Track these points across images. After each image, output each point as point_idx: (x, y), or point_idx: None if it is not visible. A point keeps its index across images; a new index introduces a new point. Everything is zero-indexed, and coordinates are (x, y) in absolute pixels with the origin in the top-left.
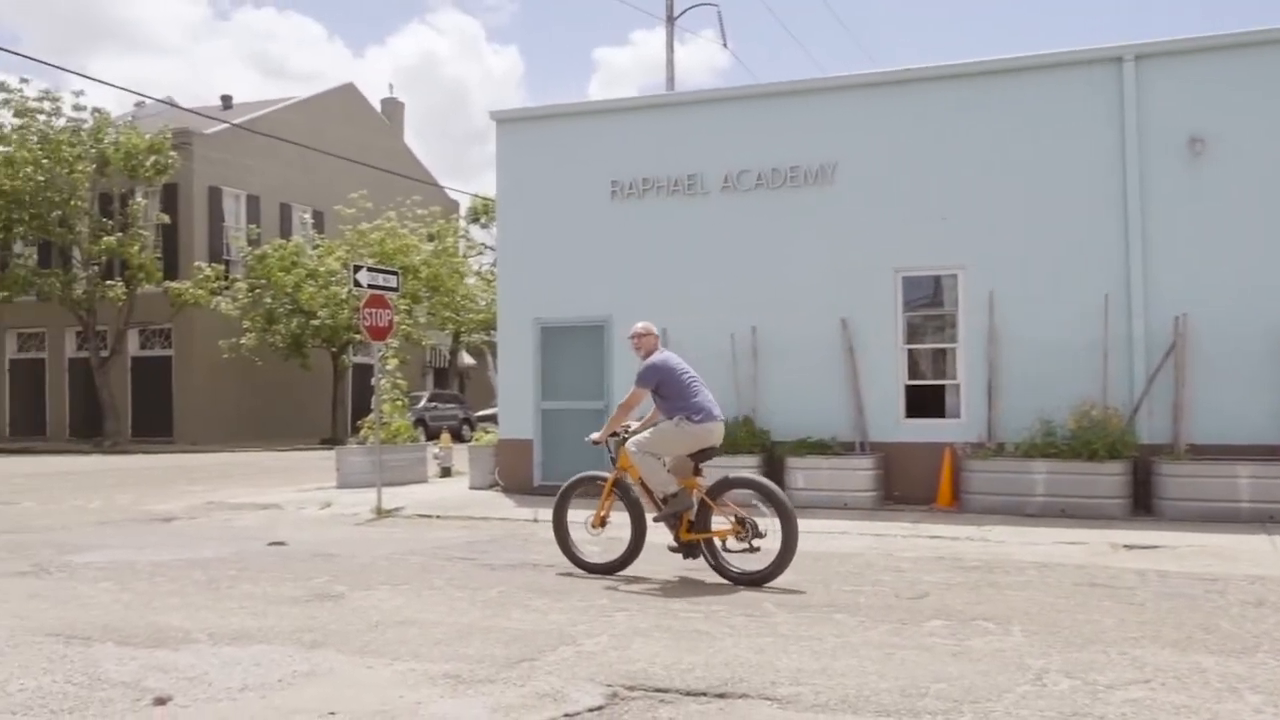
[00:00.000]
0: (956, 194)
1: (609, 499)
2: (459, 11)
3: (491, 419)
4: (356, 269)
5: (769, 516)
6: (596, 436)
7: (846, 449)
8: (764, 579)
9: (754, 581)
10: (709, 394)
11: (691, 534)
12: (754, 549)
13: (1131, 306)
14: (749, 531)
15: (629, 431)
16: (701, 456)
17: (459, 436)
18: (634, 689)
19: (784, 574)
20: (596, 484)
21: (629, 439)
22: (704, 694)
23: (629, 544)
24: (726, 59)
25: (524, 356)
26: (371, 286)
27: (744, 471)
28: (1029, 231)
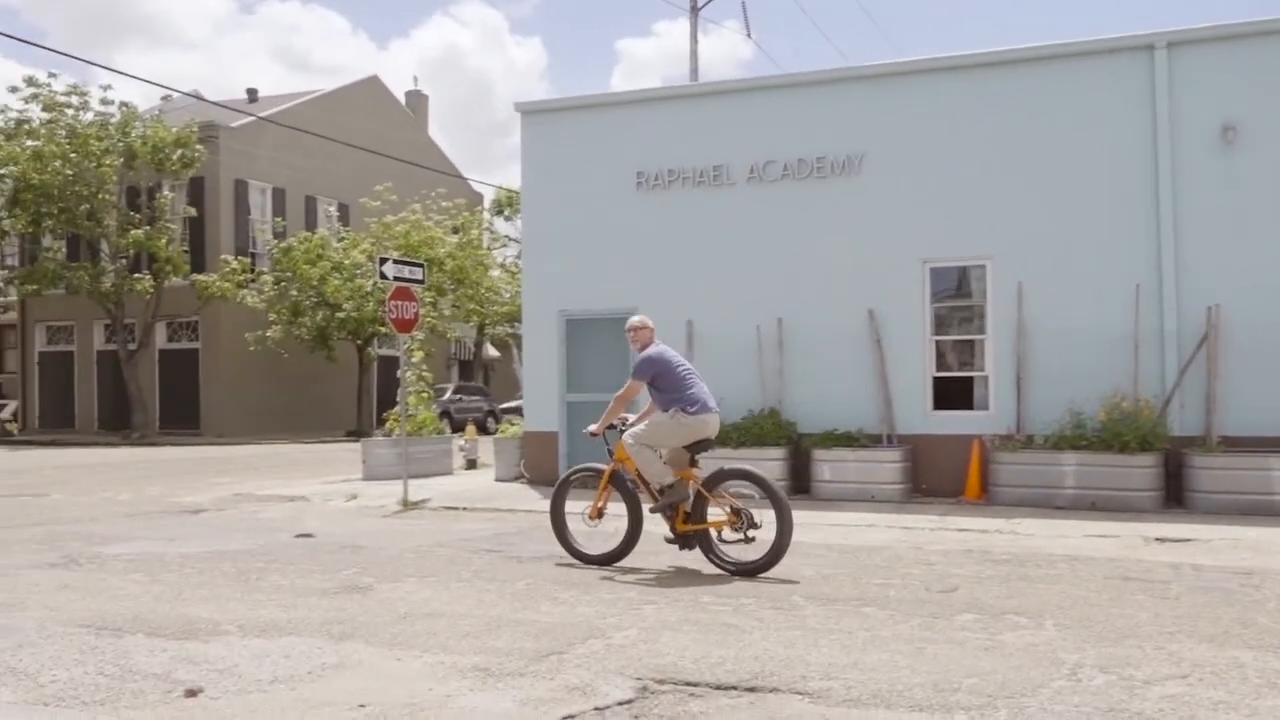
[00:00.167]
0: (985, 184)
1: (606, 490)
2: (482, 4)
3: (516, 411)
4: (382, 262)
5: (764, 508)
6: (594, 428)
7: (874, 441)
8: (759, 569)
9: (749, 572)
10: (704, 386)
11: (688, 525)
12: (749, 540)
13: (1163, 297)
14: (744, 522)
15: (625, 424)
16: (697, 448)
17: (483, 429)
18: (663, 682)
19: (779, 565)
20: (594, 476)
21: (626, 431)
22: (734, 688)
23: (625, 535)
24: (749, 50)
25: (549, 348)
26: (397, 279)
27: (770, 465)
28: (1058, 222)
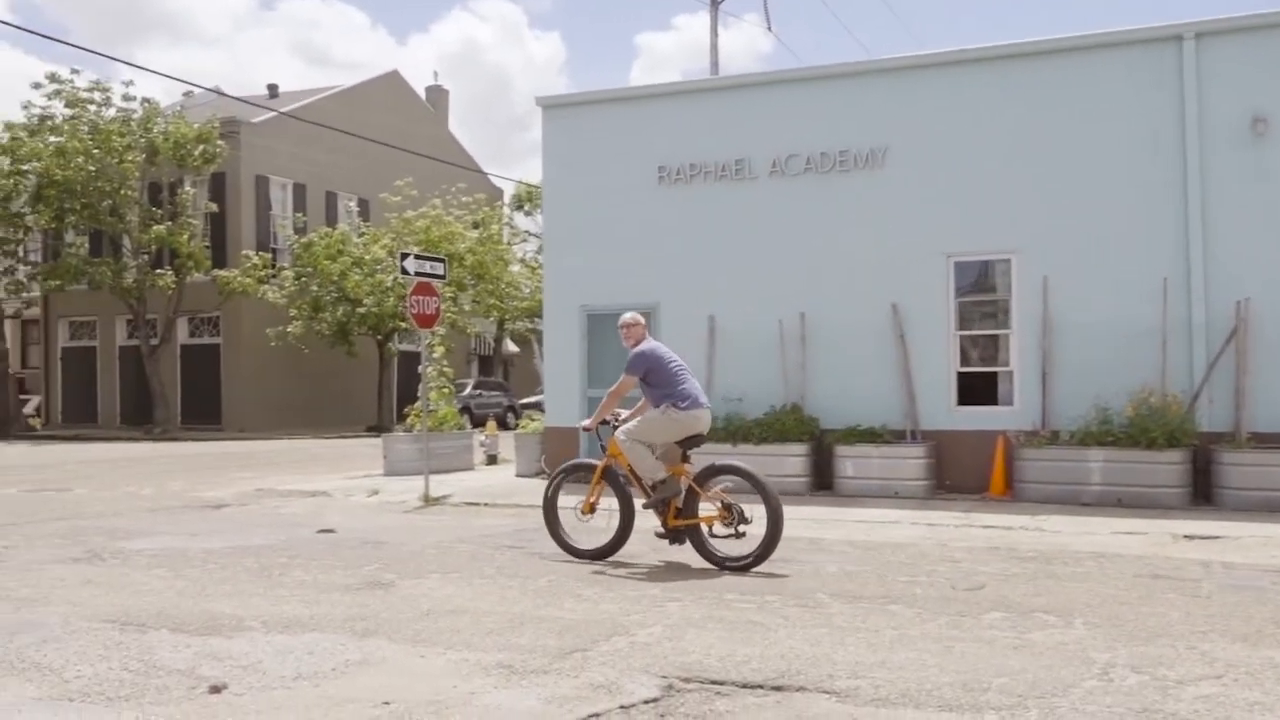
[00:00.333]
0: (1009, 177)
1: (599, 486)
2: None
3: (536, 406)
4: (404, 257)
5: (756, 503)
6: (587, 424)
7: (897, 437)
8: (749, 564)
9: (740, 567)
10: (696, 383)
11: (679, 520)
12: (739, 534)
13: (1191, 291)
14: (735, 517)
15: (618, 420)
16: (689, 444)
17: (503, 424)
18: (689, 681)
19: (768, 560)
20: (587, 471)
21: (618, 427)
22: (760, 686)
23: (617, 530)
24: (770, 43)
25: (570, 344)
26: (418, 274)
27: (792, 461)
28: (1084, 215)
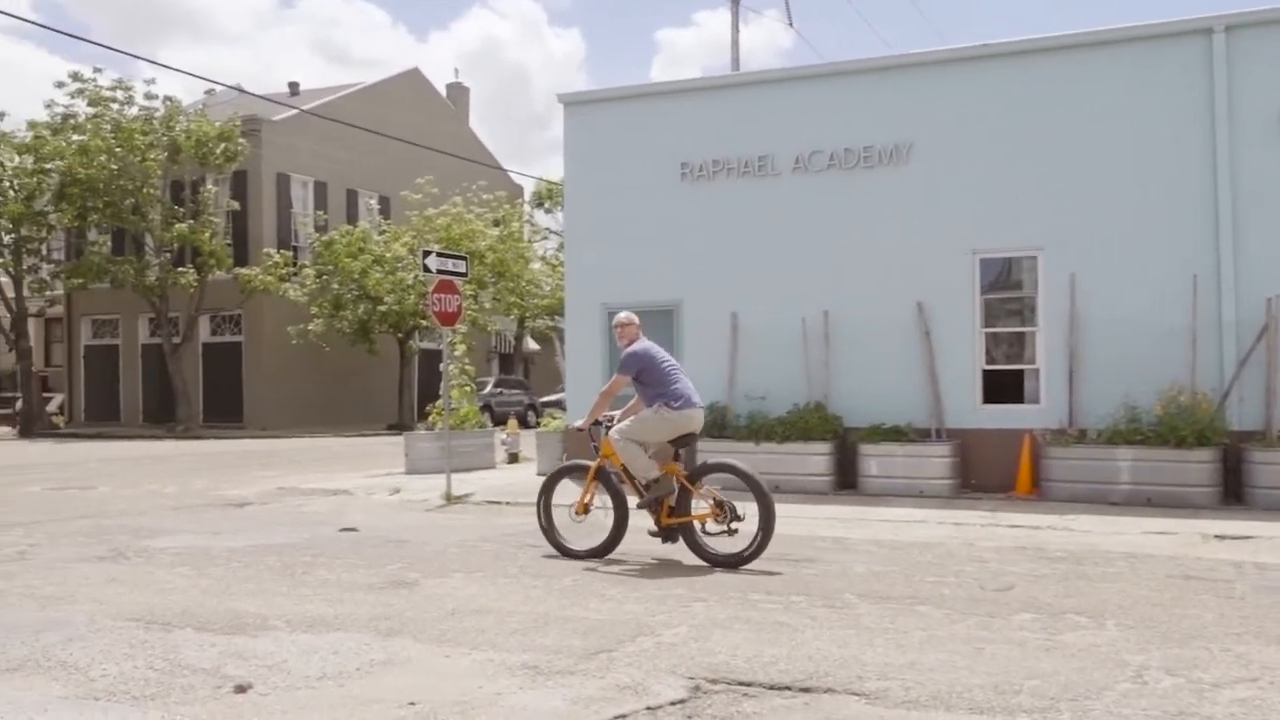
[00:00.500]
0: (1036, 173)
1: (592, 486)
2: None
3: (557, 405)
4: (426, 254)
5: (748, 500)
6: (580, 423)
7: (922, 435)
8: (742, 561)
9: (732, 564)
10: (688, 382)
11: (672, 518)
12: (732, 532)
13: (1221, 288)
14: (728, 514)
15: (612, 420)
16: (682, 442)
17: (524, 422)
18: (716, 682)
19: (761, 556)
20: (581, 472)
21: (612, 427)
22: (788, 688)
23: (611, 530)
24: (790, 39)
25: (592, 342)
26: (440, 272)
27: (816, 459)
28: (1112, 211)
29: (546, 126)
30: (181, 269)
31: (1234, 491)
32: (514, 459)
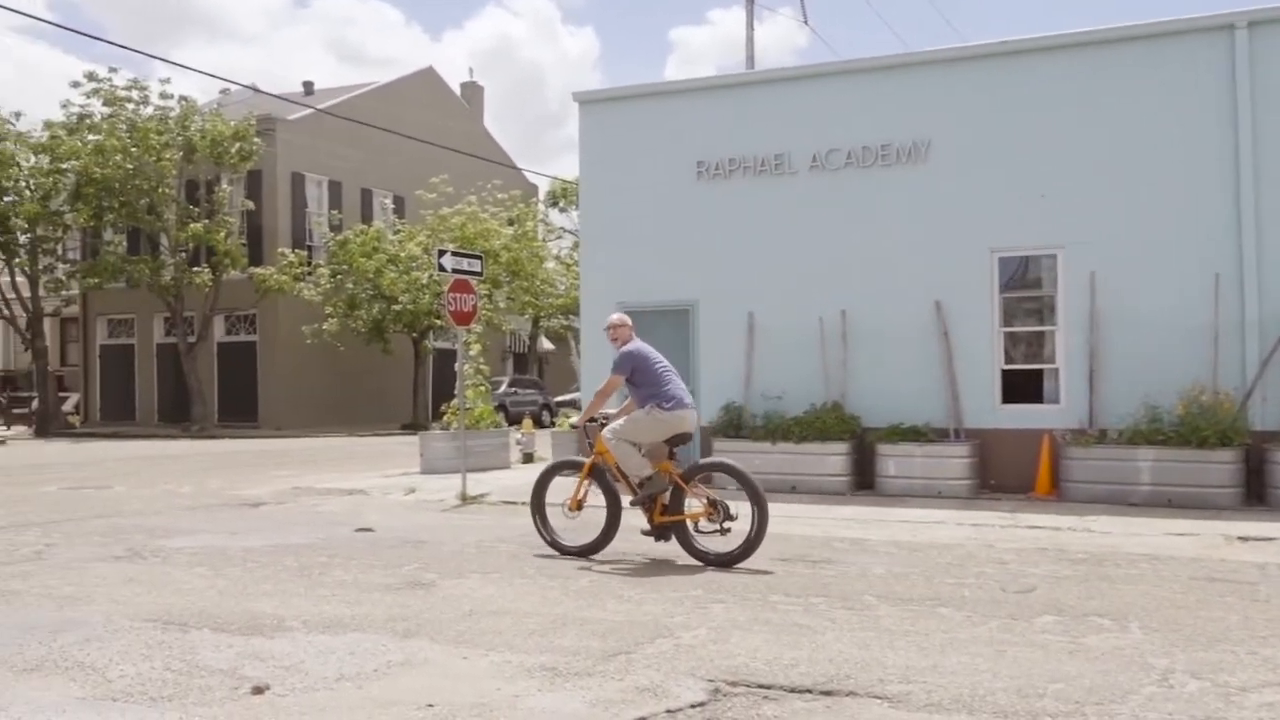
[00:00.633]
0: (1055, 171)
1: (586, 484)
2: None
3: (572, 404)
4: (441, 253)
5: (742, 499)
6: (575, 421)
7: (940, 436)
8: (735, 560)
9: (725, 563)
10: (680, 383)
11: (665, 517)
12: (724, 531)
13: (1244, 287)
14: (721, 514)
15: (605, 419)
16: (675, 441)
17: (539, 422)
18: (736, 684)
19: (755, 555)
20: (575, 469)
21: (605, 426)
22: (809, 691)
23: (604, 527)
24: (805, 38)
25: (608, 342)
26: (456, 271)
27: (833, 460)
28: (1133, 209)
29: (560, 125)
30: (196, 268)
31: (1256, 492)
32: (529, 459)
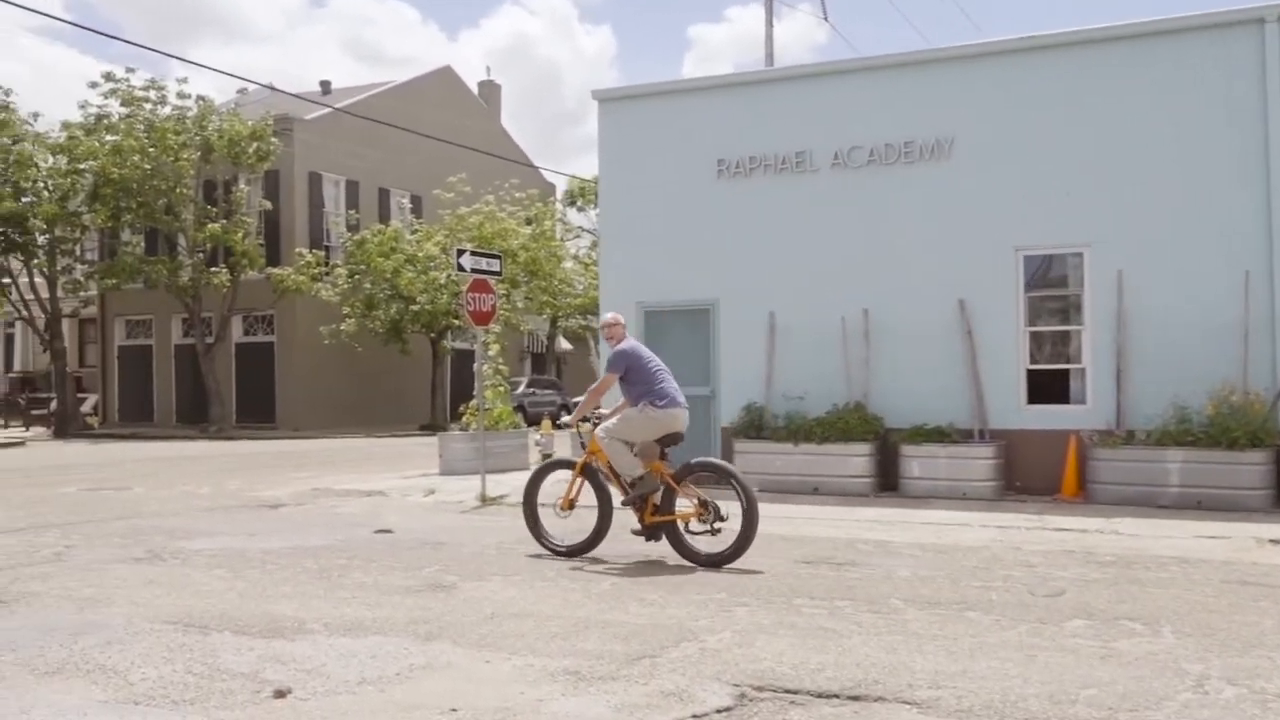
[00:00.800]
0: (1081, 168)
1: (578, 483)
2: None
3: None
4: (460, 253)
5: (733, 499)
6: (569, 420)
7: (965, 436)
8: (725, 560)
9: (715, 563)
10: (674, 383)
11: (656, 517)
12: (715, 531)
13: (1274, 283)
14: (711, 514)
15: (598, 418)
16: (667, 441)
17: (557, 423)
18: (762, 689)
19: (744, 556)
20: (567, 468)
21: (598, 425)
22: (836, 696)
23: (595, 526)
24: (824, 35)
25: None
26: (475, 271)
27: (856, 461)
28: (1160, 206)
29: (578, 124)
30: (214, 269)
31: None
32: (548, 459)
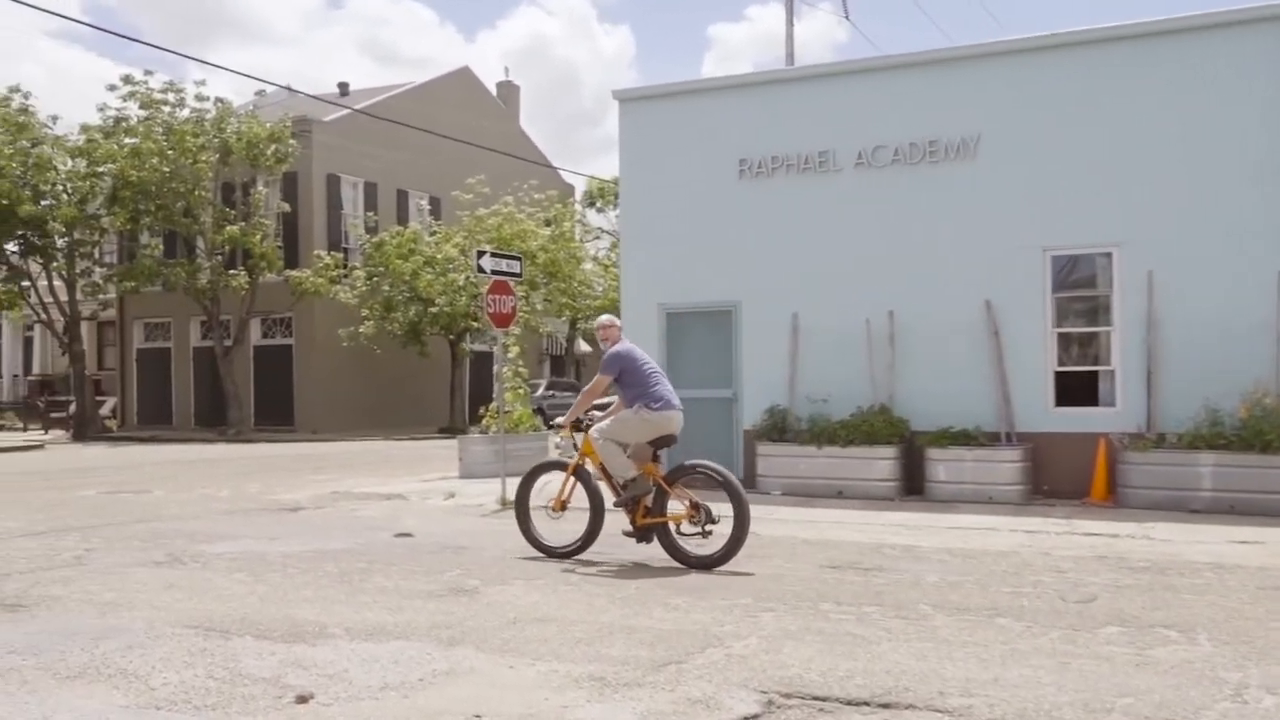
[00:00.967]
0: (1110, 166)
1: (570, 484)
2: None
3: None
4: (480, 254)
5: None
6: (561, 421)
7: (991, 440)
8: (716, 562)
9: (706, 565)
10: (668, 385)
11: (648, 519)
12: (706, 534)
13: None
14: (703, 516)
15: (592, 420)
16: (660, 443)
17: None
18: (790, 696)
19: (736, 557)
20: (560, 469)
21: (592, 427)
22: (866, 703)
23: (587, 528)
24: (845, 34)
25: (649, 344)
26: (495, 273)
27: (881, 464)
28: (1191, 205)
29: (596, 124)
30: (233, 271)
31: None
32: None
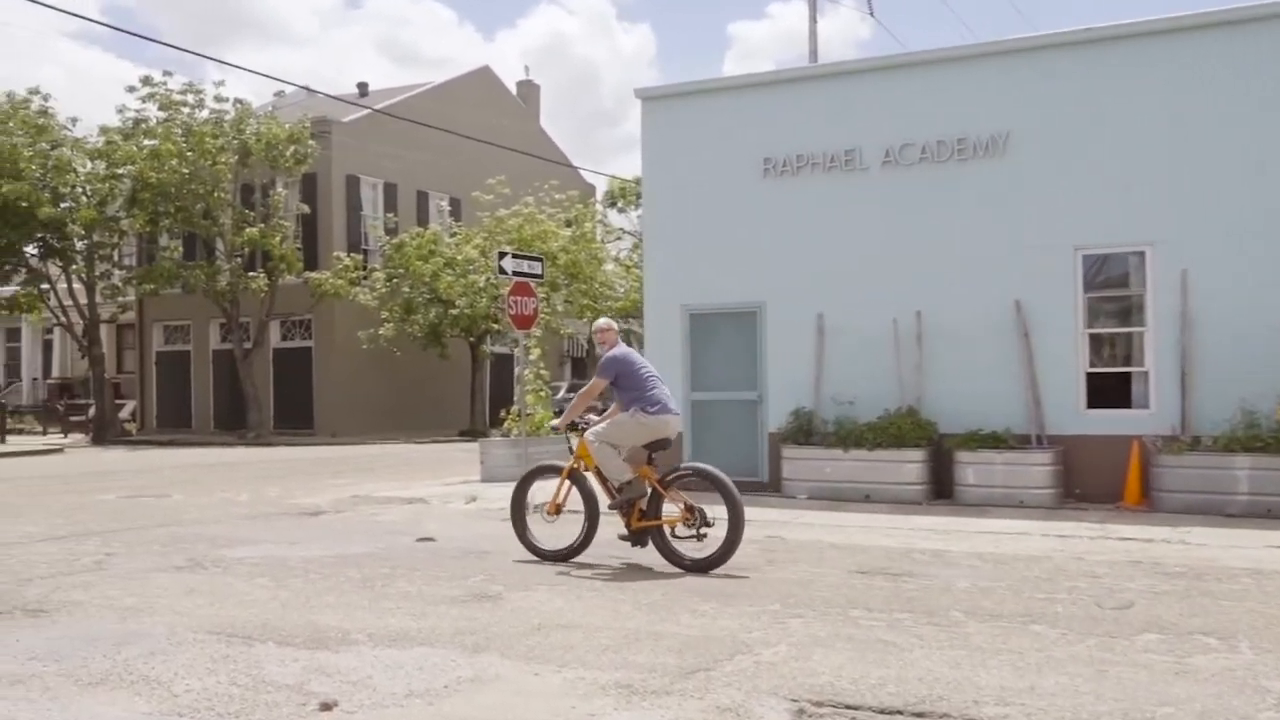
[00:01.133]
0: (1143, 164)
1: (565, 487)
2: None
3: None
4: (501, 256)
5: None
6: (557, 423)
7: (1022, 442)
8: (710, 565)
9: (701, 568)
10: (665, 389)
11: (643, 522)
12: (701, 536)
13: None
14: (698, 519)
15: (587, 423)
16: (656, 447)
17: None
18: (821, 705)
19: (731, 559)
20: (555, 473)
21: (588, 430)
22: (899, 712)
23: (582, 531)
24: (868, 30)
25: (672, 345)
26: (516, 274)
27: (909, 467)
28: (1226, 203)
29: (616, 124)
30: (252, 273)
31: None
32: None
